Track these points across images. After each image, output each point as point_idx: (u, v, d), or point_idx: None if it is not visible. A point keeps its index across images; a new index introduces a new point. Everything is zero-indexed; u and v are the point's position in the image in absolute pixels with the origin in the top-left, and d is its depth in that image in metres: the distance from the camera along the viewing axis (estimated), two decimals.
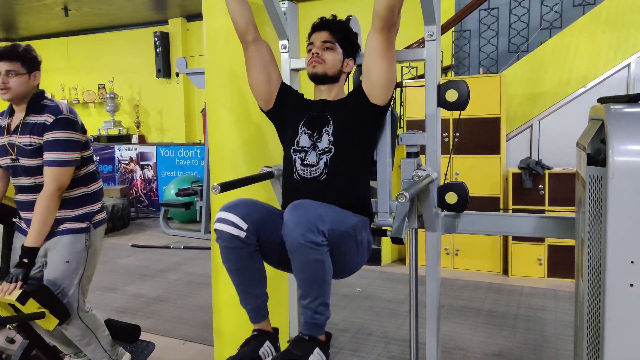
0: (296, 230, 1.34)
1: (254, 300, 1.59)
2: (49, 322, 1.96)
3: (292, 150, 1.71)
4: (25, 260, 1.91)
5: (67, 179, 1.99)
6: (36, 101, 2.03)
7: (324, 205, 1.47)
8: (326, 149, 1.65)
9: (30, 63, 2.03)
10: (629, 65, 4.03)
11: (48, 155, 1.96)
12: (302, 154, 1.68)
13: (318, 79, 1.72)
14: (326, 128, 1.68)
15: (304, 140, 1.70)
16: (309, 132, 1.70)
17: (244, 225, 1.46)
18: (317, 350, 1.47)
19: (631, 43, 4.02)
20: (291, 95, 1.82)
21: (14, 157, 2.00)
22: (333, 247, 1.43)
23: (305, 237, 1.33)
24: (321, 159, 1.65)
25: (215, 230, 1.49)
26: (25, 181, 2.02)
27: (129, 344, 2.52)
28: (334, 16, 1.78)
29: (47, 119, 1.98)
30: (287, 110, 1.78)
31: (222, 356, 2.44)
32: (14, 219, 2.21)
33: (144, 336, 2.55)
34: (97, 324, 2.18)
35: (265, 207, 1.58)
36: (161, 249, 5.44)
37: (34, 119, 2.00)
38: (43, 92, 2.10)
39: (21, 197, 2.07)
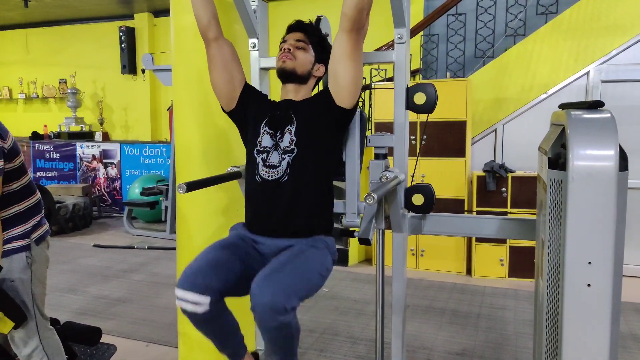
0: (266, 315, 1.33)
1: (231, 347, 1.62)
2: (4, 325, 1.87)
3: (255, 151, 1.67)
4: None
5: None
6: None
7: (291, 272, 1.43)
8: (288, 149, 1.62)
9: None
10: (588, 73, 4.20)
11: None
12: (265, 154, 1.64)
13: (286, 75, 1.68)
14: (289, 127, 1.64)
15: (266, 140, 1.66)
16: (271, 131, 1.66)
17: (206, 300, 1.44)
18: None
19: (590, 51, 4.18)
20: (254, 96, 1.78)
21: None
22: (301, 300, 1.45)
23: (276, 320, 1.33)
24: (283, 159, 1.61)
25: (178, 306, 1.49)
26: None
27: (89, 346, 2.44)
28: (311, 22, 1.77)
29: None
30: (249, 111, 1.74)
31: (187, 358, 2.40)
32: None
33: (105, 339, 2.48)
34: (54, 349, 2.02)
35: (223, 263, 1.52)
36: (124, 249, 5.30)
37: None
38: None
39: None
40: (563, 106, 1.33)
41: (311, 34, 1.72)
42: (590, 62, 4.18)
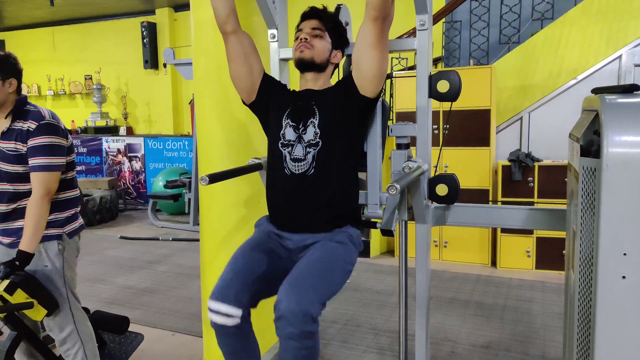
0: (291, 323, 1.33)
1: None
2: (38, 313, 1.94)
3: (280, 145, 1.65)
4: (17, 263, 1.89)
5: (54, 184, 1.97)
6: (20, 107, 2.02)
7: (317, 277, 1.42)
8: (313, 142, 1.60)
9: (5, 69, 1.99)
10: (620, 57, 4.04)
11: (34, 161, 1.93)
12: (289, 148, 1.63)
13: (304, 65, 1.66)
14: (312, 119, 1.62)
15: (289, 133, 1.64)
16: (294, 124, 1.64)
17: (238, 312, 1.45)
18: None
19: (622, 34, 4.02)
20: (274, 86, 1.76)
21: None
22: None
23: (299, 329, 1.32)
24: (308, 152, 1.60)
25: (209, 319, 1.49)
26: (5, 186, 1.98)
27: (117, 335, 2.50)
28: (325, 7, 1.74)
29: (30, 125, 1.95)
30: (270, 102, 1.73)
31: (211, 347, 2.42)
32: None
33: (132, 327, 2.53)
34: (87, 334, 2.12)
35: (255, 271, 1.52)
36: (149, 241, 5.39)
37: (19, 125, 1.98)
38: (25, 97, 2.08)
39: None
40: (596, 91, 1.28)
41: (326, 21, 1.69)
42: (622, 45, 4.02)
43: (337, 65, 1.76)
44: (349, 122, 1.63)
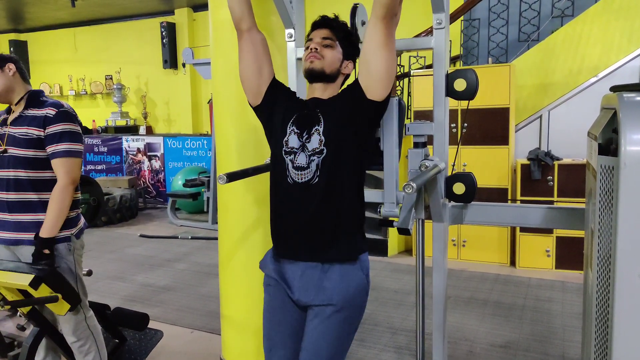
0: None
1: None
2: (61, 307, 1.98)
3: (282, 152, 1.60)
4: (47, 251, 1.94)
5: (77, 170, 2.00)
6: (36, 97, 2.06)
7: (331, 347, 1.51)
8: (317, 150, 1.54)
9: None
10: None
11: (56, 147, 1.95)
12: (292, 156, 1.57)
13: (314, 75, 1.61)
14: (316, 127, 1.56)
15: (292, 140, 1.59)
16: (298, 131, 1.59)
17: None
18: None
19: None
20: (282, 92, 1.71)
21: (2, 147, 2.00)
22: None
23: None
24: (312, 160, 1.54)
25: None
26: (8, 174, 1.99)
27: (137, 331, 2.54)
28: (337, 16, 1.69)
29: (49, 111, 1.98)
30: (275, 108, 1.68)
31: (230, 345, 2.46)
32: None
33: (152, 324, 2.58)
34: (97, 330, 2.18)
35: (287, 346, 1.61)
36: (169, 239, 5.47)
37: (32, 112, 2.01)
38: (42, 91, 2.13)
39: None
40: (615, 89, 1.26)
41: (337, 30, 1.63)
42: None
43: (347, 76, 1.69)
44: (355, 128, 1.57)
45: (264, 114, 1.71)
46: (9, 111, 2.09)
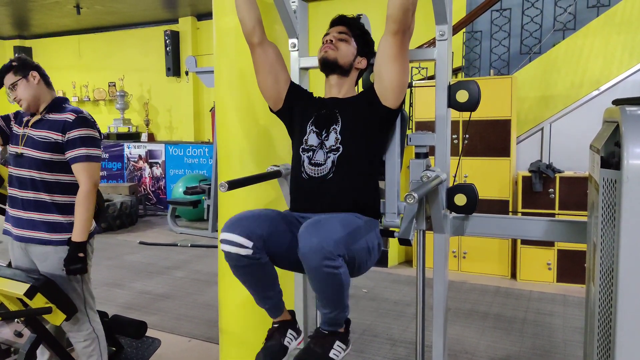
0: (314, 257, 1.32)
1: (270, 300, 1.62)
2: (56, 317, 1.97)
3: (300, 149, 1.70)
4: (81, 254, 1.98)
5: (98, 174, 2.05)
6: (59, 103, 2.10)
7: (336, 223, 1.42)
8: (334, 147, 1.64)
9: (21, 68, 2.07)
10: None
11: (76, 152, 1.99)
12: (310, 153, 1.67)
13: (328, 65, 1.68)
14: (334, 126, 1.66)
15: (312, 138, 1.68)
16: (317, 130, 1.68)
17: (249, 244, 1.44)
18: (337, 343, 1.52)
19: None
20: (301, 94, 1.81)
21: (20, 148, 2.04)
22: (347, 260, 1.42)
23: (323, 263, 1.32)
24: (328, 157, 1.63)
25: (222, 250, 1.49)
26: (24, 173, 2.02)
27: (135, 339, 2.52)
28: (354, 16, 1.79)
29: (69, 116, 2.02)
30: (296, 110, 1.77)
31: (228, 354, 2.43)
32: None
33: (149, 333, 2.56)
34: (102, 332, 2.19)
35: (268, 216, 1.54)
36: (168, 247, 5.46)
37: (54, 116, 2.05)
38: (66, 99, 2.17)
39: (14, 192, 2.06)
40: (617, 102, 1.26)
41: (353, 27, 1.72)
42: None
43: (361, 73, 1.77)
44: (370, 130, 1.66)
45: (286, 116, 1.80)
46: (32, 113, 2.13)
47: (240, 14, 1.74)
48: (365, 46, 1.74)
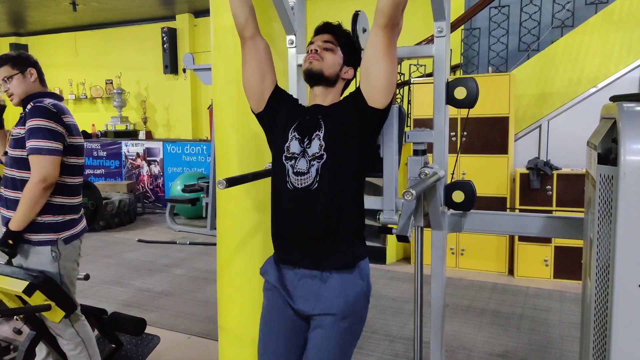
0: None
1: None
2: (55, 315, 1.97)
3: (283, 157, 1.60)
4: (10, 241, 1.93)
5: (51, 169, 1.91)
6: (36, 97, 2.03)
7: (333, 348, 1.54)
8: (317, 155, 1.54)
9: (20, 62, 2.03)
10: None
11: (28, 144, 1.91)
12: (293, 161, 1.57)
13: (313, 76, 1.60)
14: (317, 132, 1.56)
15: (294, 146, 1.59)
16: (299, 137, 1.59)
17: None
18: None
19: None
20: (284, 99, 1.72)
21: (6, 147, 2.04)
22: None
23: None
24: (312, 165, 1.54)
25: None
26: (7, 172, 2.02)
27: (134, 336, 2.53)
28: (340, 23, 1.70)
29: (28, 107, 1.97)
30: (278, 115, 1.68)
31: (227, 350, 2.44)
32: None
33: (149, 330, 2.56)
34: (88, 335, 2.15)
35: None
36: (167, 244, 5.46)
37: (26, 110, 2.01)
38: (47, 92, 2.10)
39: (3, 191, 2.05)
40: (614, 98, 1.27)
41: (339, 35, 1.64)
42: None
43: (348, 83, 1.69)
44: (356, 134, 1.56)
45: (267, 120, 1.71)
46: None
47: (233, 7, 1.68)
48: (352, 55, 1.65)
